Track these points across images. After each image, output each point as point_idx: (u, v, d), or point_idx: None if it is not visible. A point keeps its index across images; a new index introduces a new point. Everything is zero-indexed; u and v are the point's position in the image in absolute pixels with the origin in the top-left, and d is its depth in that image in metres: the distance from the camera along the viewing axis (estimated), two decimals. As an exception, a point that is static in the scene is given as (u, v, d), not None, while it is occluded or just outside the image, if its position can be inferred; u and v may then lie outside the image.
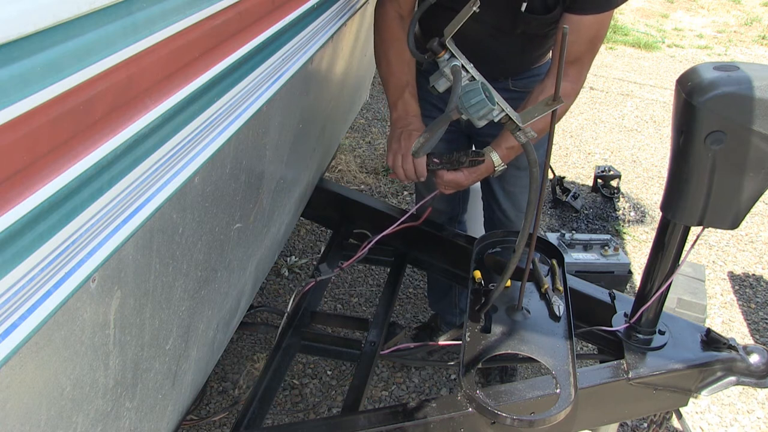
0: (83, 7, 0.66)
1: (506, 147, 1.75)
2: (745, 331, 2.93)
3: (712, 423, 2.45)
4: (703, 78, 1.32)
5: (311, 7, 1.36)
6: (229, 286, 1.38)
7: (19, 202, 0.62)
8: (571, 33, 1.60)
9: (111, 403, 0.94)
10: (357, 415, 1.56)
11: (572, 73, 1.70)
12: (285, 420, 2.36)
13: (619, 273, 2.92)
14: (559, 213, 3.75)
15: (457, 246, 2.04)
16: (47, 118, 0.64)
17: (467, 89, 1.33)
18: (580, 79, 1.74)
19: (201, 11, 0.89)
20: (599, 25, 1.67)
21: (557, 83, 1.27)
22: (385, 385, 2.53)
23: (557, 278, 1.73)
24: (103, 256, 0.76)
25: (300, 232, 3.38)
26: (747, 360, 1.53)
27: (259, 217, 1.44)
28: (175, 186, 0.89)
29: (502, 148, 1.75)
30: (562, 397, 1.39)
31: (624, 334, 1.61)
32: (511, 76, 1.97)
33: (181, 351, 1.18)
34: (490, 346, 1.53)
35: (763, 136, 1.27)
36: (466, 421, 1.46)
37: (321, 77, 1.68)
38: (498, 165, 1.76)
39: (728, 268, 3.38)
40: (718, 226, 1.42)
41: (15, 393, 0.69)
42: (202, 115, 0.96)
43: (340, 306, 2.92)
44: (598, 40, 1.71)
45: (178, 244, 1.00)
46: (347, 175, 3.88)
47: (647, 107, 5.30)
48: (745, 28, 7.56)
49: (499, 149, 1.76)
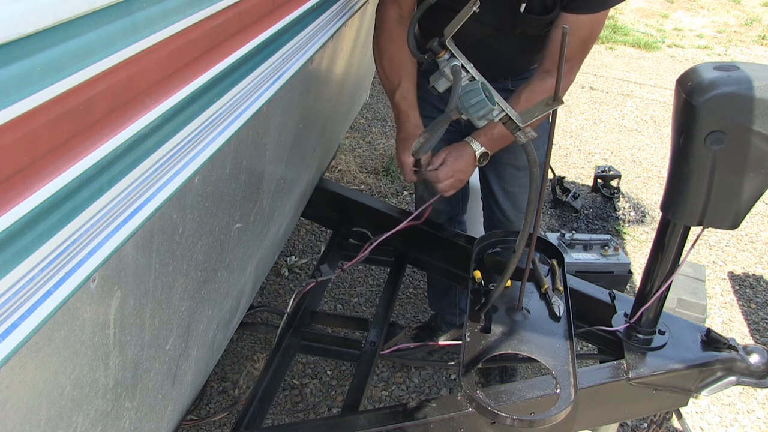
0: (83, 7, 0.66)
1: (485, 135, 1.78)
2: (745, 331, 2.93)
3: (712, 423, 2.45)
4: (703, 78, 1.32)
5: (311, 7, 1.36)
6: (229, 286, 1.38)
7: (19, 202, 0.62)
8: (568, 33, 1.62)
9: (111, 403, 0.94)
10: (357, 415, 1.56)
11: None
12: (285, 420, 2.36)
13: (619, 273, 2.92)
14: (559, 213, 3.75)
15: (457, 246, 2.04)
16: (47, 118, 0.64)
17: (467, 89, 1.33)
18: (568, 77, 1.76)
19: (201, 11, 0.89)
20: (594, 25, 1.68)
21: (557, 83, 1.27)
22: (385, 385, 2.53)
23: (557, 278, 1.73)
24: (103, 256, 0.76)
25: (300, 232, 3.38)
26: (747, 360, 1.53)
27: (259, 217, 1.44)
28: (175, 186, 0.89)
29: (482, 136, 1.78)
30: (562, 397, 1.39)
31: (624, 334, 1.61)
32: (510, 76, 1.97)
33: (181, 351, 1.18)
34: (490, 346, 1.53)
35: (763, 136, 1.27)
36: (466, 421, 1.46)
37: (321, 77, 1.68)
38: (478, 151, 1.78)
39: (728, 268, 3.38)
40: (718, 226, 1.42)
41: (15, 393, 0.69)
42: (202, 115, 0.96)
43: (340, 306, 2.92)
44: (590, 41, 1.72)
45: (178, 244, 1.00)
46: (347, 175, 3.88)
47: (647, 107, 5.30)
48: (745, 28, 7.56)
49: (478, 138, 1.79)
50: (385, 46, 1.84)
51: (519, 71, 1.98)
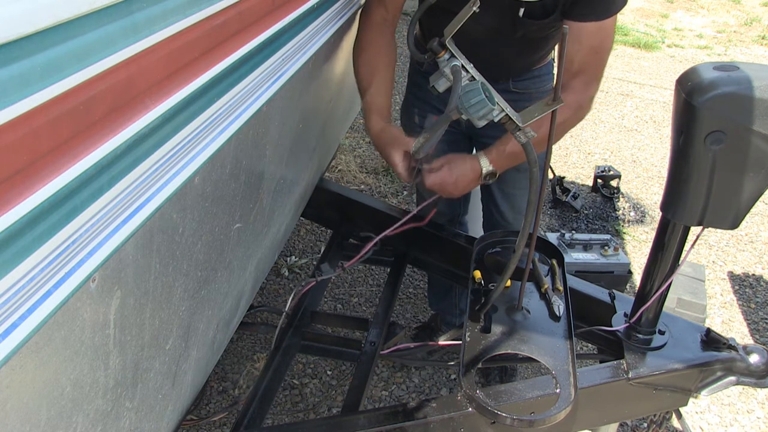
0: (83, 7, 0.66)
1: (496, 151, 1.69)
2: (745, 331, 2.93)
3: (712, 423, 2.45)
4: (703, 78, 1.32)
5: (311, 7, 1.36)
6: (229, 286, 1.37)
7: (19, 202, 0.62)
8: (573, 41, 1.58)
9: (111, 403, 0.94)
10: (357, 415, 1.56)
11: (577, 85, 1.64)
12: (285, 420, 2.36)
13: (619, 273, 2.92)
14: (559, 213, 3.75)
15: (457, 246, 2.04)
16: (47, 118, 0.64)
17: (467, 89, 1.33)
18: (587, 90, 1.67)
19: (201, 11, 0.89)
20: (602, 33, 1.61)
21: (557, 83, 1.27)
22: (385, 385, 2.53)
23: (557, 278, 1.73)
24: (103, 256, 0.76)
25: (300, 232, 3.38)
26: (747, 360, 1.53)
27: (259, 217, 1.44)
28: (175, 186, 0.89)
29: (492, 152, 1.70)
30: (562, 397, 1.39)
31: (624, 334, 1.61)
32: (512, 77, 1.97)
33: (181, 351, 1.18)
34: (490, 346, 1.53)
35: (763, 136, 1.27)
36: (466, 421, 1.46)
37: (321, 77, 1.68)
38: (485, 168, 1.69)
39: (728, 268, 3.38)
40: (718, 226, 1.42)
41: (15, 393, 0.69)
42: (202, 115, 0.95)
43: (340, 306, 2.92)
44: (602, 50, 1.64)
45: (178, 244, 1.00)
46: (347, 175, 3.88)
47: (647, 107, 5.30)
48: (745, 28, 7.56)
49: (488, 154, 1.70)
50: (365, 46, 1.78)
51: (520, 72, 1.97)
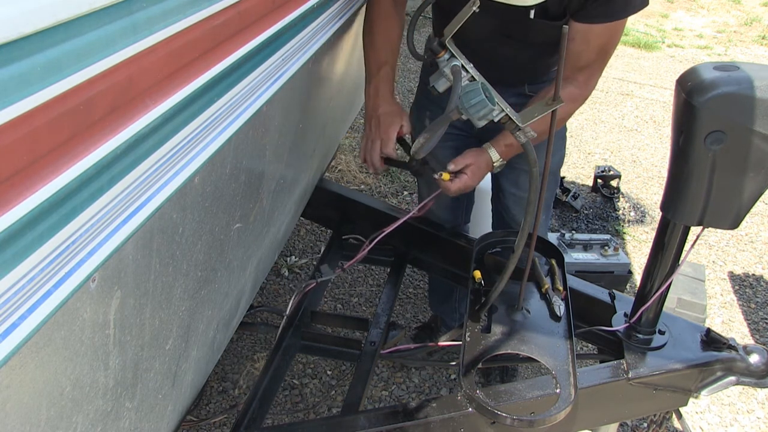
0: (83, 7, 0.66)
1: (504, 144, 1.72)
2: (745, 331, 2.93)
3: (712, 423, 2.45)
4: (703, 78, 1.32)
5: (311, 7, 1.36)
6: (229, 286, 1.38)
7: (19, 202, 0.62)
8: (581, 42, 1.58)
9: (111, 403, 0.94)
10: (357, 415, 1.56)
11: (580, 78, 1.67)
12: (285, 420, 2.36)
13: (619, 273, 2.92)
14: (559, 213, 3.75)
15: (457, 246, 2.04)
16: (47, 118, 0.64)
17: (467, 89, 1.33)
18: (588, 84, 1.71)
19: (201, 11, 0.89)
20: (610, 33, 1.62)
21: (557, 83, 1.27)
22: (385, 385, 2.53)
23: (557, 278, 1.73)
24: (103, 256, 0.76)
25: (300, 232, 3.38)
26: (747, 360, 1.53)
27: (259, 217, 1.44)
28: (175, 186, 0.89)
29: (501, 144, 1.73)
30: (562, 397, 1.39)
31: (624, 334, 1.61)
32: (527, 82, 1.93)
33: (181, 351, 1.18)
34: (490, 346, 1.53)
35: (763, 136, 1.27)
36: (466, 421, 1.46)
37: (321, 77, 1.68)
38: (496, 161, 1.73)
39: (728, 268, 3.38)
40: (718, 226, 1.42)
41: (15, 393, 0.69)
42: (202, 115, 0.95)
43: (340, 306, 2.92)
44: (609, 48, 1.67)
45: (178, 244, 1.00)
46: (347, 175, 3.88)
47: (647, 107, 5.30)
48: (745, 28, 7.56)
49: (497, 145, 1.73)
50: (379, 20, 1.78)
51: (535, 77, 1.94)
